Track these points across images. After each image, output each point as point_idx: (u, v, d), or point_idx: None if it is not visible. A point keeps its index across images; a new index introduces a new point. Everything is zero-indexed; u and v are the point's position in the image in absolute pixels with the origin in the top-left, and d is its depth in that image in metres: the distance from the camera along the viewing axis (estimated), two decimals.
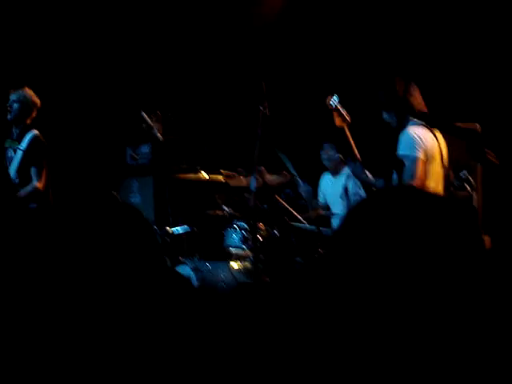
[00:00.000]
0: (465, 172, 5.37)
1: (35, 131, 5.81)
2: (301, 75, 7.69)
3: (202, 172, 6.19)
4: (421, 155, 4.44)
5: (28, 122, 5.84)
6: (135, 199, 6.92)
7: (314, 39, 7.65)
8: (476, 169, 5.95)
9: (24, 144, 5.76)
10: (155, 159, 6.88)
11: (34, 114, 5.86)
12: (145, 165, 6.89)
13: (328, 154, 6.70)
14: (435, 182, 4.63)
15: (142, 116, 6.16)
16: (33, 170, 5.69)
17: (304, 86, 7.67)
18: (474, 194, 5.37)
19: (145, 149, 6.86)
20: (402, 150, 4.46)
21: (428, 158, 4.51)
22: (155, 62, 7.69)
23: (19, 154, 5.74)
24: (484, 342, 1.39)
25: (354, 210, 1.53)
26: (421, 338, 1.36)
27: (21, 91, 5.84)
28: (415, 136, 4.47)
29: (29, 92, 5.86)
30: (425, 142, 4.49)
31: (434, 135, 4.62)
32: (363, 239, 1.44)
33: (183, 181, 6.43)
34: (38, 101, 5.89)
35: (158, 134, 6.17)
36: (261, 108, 5.50)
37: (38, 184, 5.65)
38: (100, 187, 6.76)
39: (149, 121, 6.17)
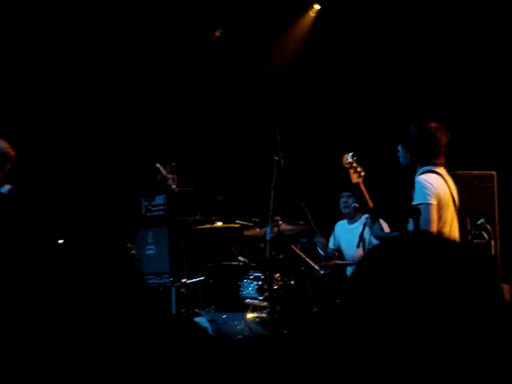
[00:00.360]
0: (483, 220, 5.33)
1: (7, 186, 5.46)
2: (314, 124, 7.73)
3: (218, 223, 6.19)
4: (433, 201, 4.43)
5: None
6: (150, 250, 6.90)
7: (326, 87, 7.71)
8: (494, 216, 5.92)
9: None
10: (170, 210, 6.88)
11: (7, 167, 5.46)
12: (160, 216, 6.88)
13: (347, 201, 6.71)
14: (450, 228, 4.60)
15: (157, 167, 6.19)
16: None
17: (318, 134, 7.70)
18: (492, 242, 5.32)
19: (159, 200, 6.86)
20: (416, 200, 4.46)
21: (441, 205, 4.49)
22: (170, 113, 7.74)
23: None
24: None
25: (369, 256, 1.50)
26: None
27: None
28: (426, 183, 4.47)
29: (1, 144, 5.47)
30: (436, 188, 4.49)
31: (445, 181, 4.60)
32: (377, 286, 1.41)
33: (198, 231, 6.42)
34: (12, 153, 5.51)
35: (173, 185, 6.18)
36: (275, 157, 5.52)
37: None
38: (116, 239, 6.75)
39: (163, 172, 6.19)
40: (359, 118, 7.50)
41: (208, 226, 6.25)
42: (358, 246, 6.29)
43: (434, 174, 4.55)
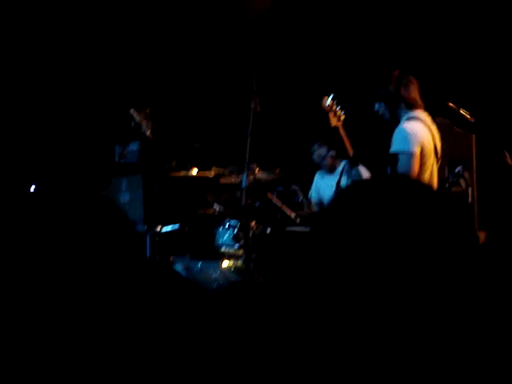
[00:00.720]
0: (460, 168, 5.30)
1: None
2: (292, 69, 7.63)
3: (193, 170, 6.12)
4: (416, 150, 4.40)
5: None
6: (124, 198, 6.81)
7: (306, 32, 7.58)
8: (472, 164, 5.90)
9: None
10: (144, 157, 6.79)
11: None
12: (134, 163, 6.79)
13: (320, 153, 6.64)
14: (429, 177, 4.58)
15: (131, 114, 6.07)
16: None
17: (295, 80, 7.60)
18: (470, 190, 5.31)
19: (134, 147, 6.76)
20: (396, 145, 4.41)
21: (423, 153, 4.45)
22: (144, 58, 7.60)
23: None
24: (479, 340, 1.33)
25: (339, 196, 1.44)
26: (412, 335, 1.29)
27: None
28: (411, 131, 4.43)
29: None
30: (420, 137, 4.45)
31: (429, 129, 4.56)
32: (350, 224, 1.35)
33: (173, 179, 6.35)
34: None
35: (148, 132, 6.07)
36: (251, 104, 5.44)
37: None
38: (89, 186, 6.67)
39: (138, 118, 6.07)
40: (338, 61, 7.40)
41: (183, 173, 6.17)
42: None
43: (418, 122, 4.50)
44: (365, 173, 5.74)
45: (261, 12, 7.71)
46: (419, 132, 4.45)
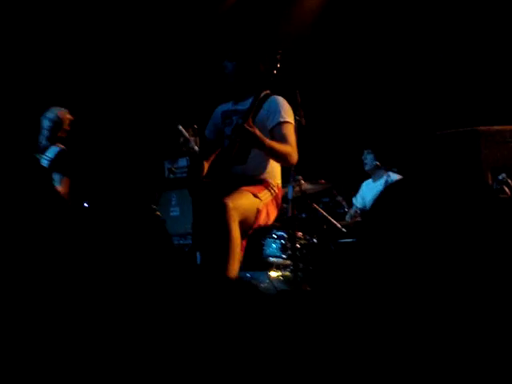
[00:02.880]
0: (504, 175, 5.32)
1: (61, 146, 6.04)
2: (335, 83, 7.71)
3: None
4: None
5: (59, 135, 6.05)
6: (174, 212, 6.98)
7: (348, 45, 7.67)
8: None
9: (50, 154, 5.97)
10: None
11: (60, 134, 6.09)
12: (183, 178, 6.95)
13: (366, 158, 6.75)
14: None
15: (179, 130, 6.21)
16: (56, 176, 5.88)
17: (339, 92, 7.68)
18: None
19: (182, 162, 6.93)
20: None
21: None
22: (194, 76, 7.76)
23: (45, 163, 5.94)
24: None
25: (390, 188, 1.50)
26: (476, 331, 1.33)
27: (54, 110, 6.09)
28: None
29: (61, 112, 6.10)
30: None
31: None
32: (398, 219, 1.41)
33: None
34: (67, 120, 6.12)
35: (196, 147, 6.21)
36: (296, 117, 5.52)
37: (60, 188, 5.83)
38: (140, 202, 6.83)
39: (186, 134, 6.21)
40: (380, 75, 7.47)
41: None
42: None
43: None
44: None
45: (304, 26, 7.81)
46: None
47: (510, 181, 5.25)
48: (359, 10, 7.55)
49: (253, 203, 4.66)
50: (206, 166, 5.05)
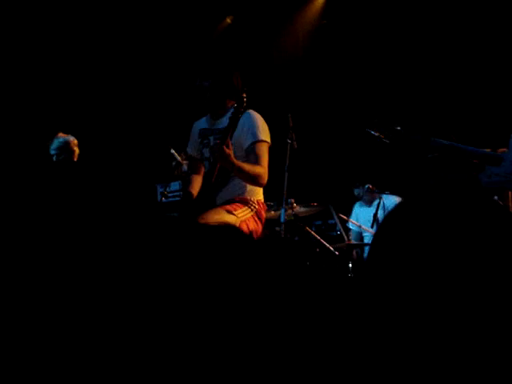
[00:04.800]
0: (495, 198, 5.35)
1: None
2: (326, 106, 7.76)
3: None
4: None
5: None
6: None
7: (337, 71, 7.73)
8: (508, 194, 5.91)
9: None
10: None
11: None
12: (176, 202, 6.95)
13: (359, 192, 6.82)
14: None
15: (172, 153, 6.23)
16: None
17: (330, 115, 7.73)
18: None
19: (175, 186, 6.93)
20: None
21: None
22: (185, 99, 7.81)
23: None
24: None
25: (392, 213, 1.52)
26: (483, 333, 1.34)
27: (61, 139, 6.11)
28: None
29: (70, 140, 6.15)
30: None
31: None
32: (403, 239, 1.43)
33: None
34: (76, 151, 6.19)
35: (188, 171, 6.24)
36: (288, 140, 5.55)
37: None
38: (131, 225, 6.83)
39: (178, 158, 6.24)
40: (371, 97, 7.52)
41: None
42: (372, 226, 6.34)
43: None
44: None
45: (296, 50, 7.86)
46: None
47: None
48: (348, 34, 7.63)
49: (227, 220, 4.65)
50: (199, 180, 5.06)
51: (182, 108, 7.75)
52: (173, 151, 6.20)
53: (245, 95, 4.59)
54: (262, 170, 4.69)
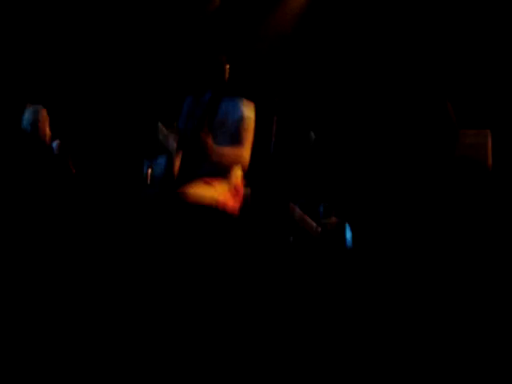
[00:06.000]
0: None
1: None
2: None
3: None
4: None
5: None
6: None
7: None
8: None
9: None
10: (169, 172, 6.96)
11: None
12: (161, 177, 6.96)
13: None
14: None
15: (159, 127, 6.24)
16: None
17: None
18: None
19: (162, 160, 6.94)
20: None
21: None
22: (173, 75, 7.81)
23: None
24: None
25: None
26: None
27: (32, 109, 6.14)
28: None
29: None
30: None
31: None
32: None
33: None
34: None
35: (175, 145, 6.25)
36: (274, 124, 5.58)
37: None
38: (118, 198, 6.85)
39: (165, 132, 6.25)
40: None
41: None
42: None
43: None
44: None
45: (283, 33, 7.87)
46: None
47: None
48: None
49: (206, 192, 4.70)
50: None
51: (172, 82, 7.77)
52: (160, 125, 6.21)
53: (227, 76, 4.63)
54: (244, 151, 4.75)
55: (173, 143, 6.31)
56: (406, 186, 4.67)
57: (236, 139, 4.78)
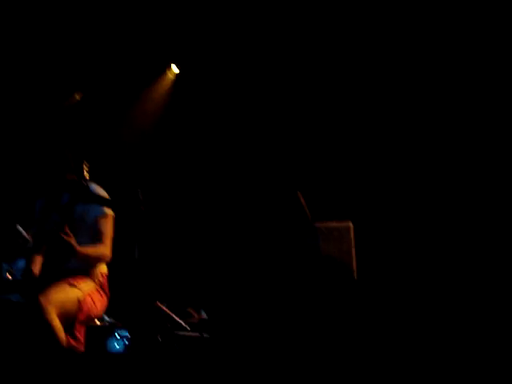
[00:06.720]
0: None
1: None
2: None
3: None
4: None
5: None
6: None
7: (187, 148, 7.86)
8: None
9: None
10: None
11: None
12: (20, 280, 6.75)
13: None
14: None
15: (18, 230, 6.11)
16: None
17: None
18: None
19: (22, 264, 6.75)
20: None
21: None
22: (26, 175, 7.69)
23: None
24: None
25: None
26: None
27: None
28: None
29: None
30: None
31: None
32: None
33: None
34: None
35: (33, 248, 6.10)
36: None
37: None
38: None
39: (25, 234, 6.12)
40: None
41: None
42: None
43: None
44: None
45: (145, 128, 7.95)
46: None
47: None
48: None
49: (70, 294, 4.63)
50: (40, 259, 4.99)
51: (29, 183, 7.62)
52: (19, 227, 6.08)
53: (86, 169, 4.62)
54: (106, 248, 4.76)
55: (31, 245, 6.18)
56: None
57: (96, 236, 4.75)
